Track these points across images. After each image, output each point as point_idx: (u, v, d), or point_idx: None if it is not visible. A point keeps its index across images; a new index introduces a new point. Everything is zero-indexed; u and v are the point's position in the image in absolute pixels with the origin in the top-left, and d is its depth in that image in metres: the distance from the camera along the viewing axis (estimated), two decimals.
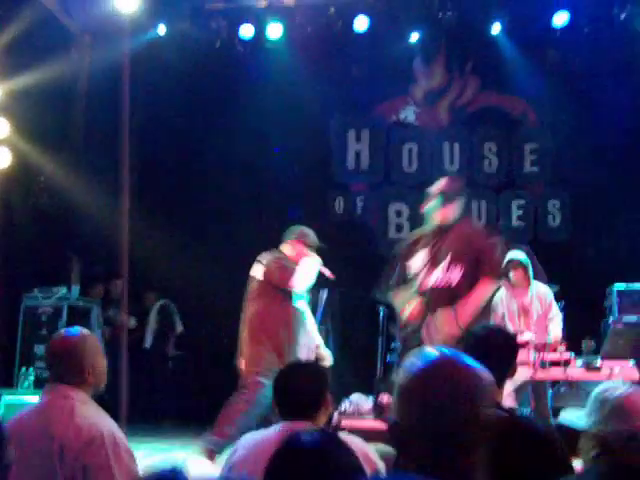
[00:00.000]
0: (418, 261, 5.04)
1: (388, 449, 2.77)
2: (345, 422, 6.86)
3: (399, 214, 9.51)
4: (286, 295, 5.94)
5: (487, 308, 5.06)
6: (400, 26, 8.84)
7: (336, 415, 7.06)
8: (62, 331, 3.09)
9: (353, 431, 6.30)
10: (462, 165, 9.52)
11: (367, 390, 7.21)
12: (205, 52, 8.92)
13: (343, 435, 2.11)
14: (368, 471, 2.22)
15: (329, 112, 9.57)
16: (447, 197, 5.06)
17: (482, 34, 8.92)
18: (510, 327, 6.55)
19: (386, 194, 9.60)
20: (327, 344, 7.33)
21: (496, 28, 8.78)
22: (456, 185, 5.21)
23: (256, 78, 9.09)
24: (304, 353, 5.92)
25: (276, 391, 2.86)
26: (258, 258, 6.05)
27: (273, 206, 9.21)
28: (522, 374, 5.95)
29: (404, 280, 5.09)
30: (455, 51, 9.55)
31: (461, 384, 1.56)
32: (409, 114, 9.71)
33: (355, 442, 2.58)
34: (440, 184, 5.18)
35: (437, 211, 5.07)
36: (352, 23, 8.67)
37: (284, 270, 5.90)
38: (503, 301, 6.68)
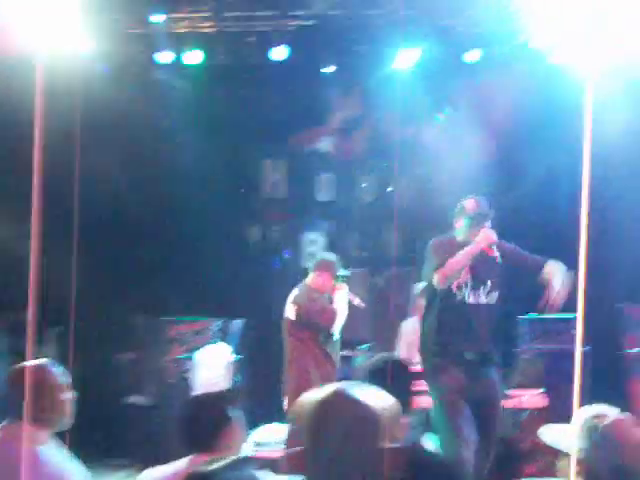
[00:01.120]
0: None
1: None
2: (260, 452, 6.80)
3: (314, 243, 9.53)
4: (315, 333, 5.98)
5: None
6: (317, 57, 8.91)
7: (250, 445, 6.98)
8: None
9: (267, 461, 6.26)
10: (378, 196, 9.62)
11: (283, 419, 7.16)
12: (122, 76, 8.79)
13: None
14: None
15: (246, 141, 9.54)
16: (475, 219, 5.06)
17: (396, 67, 9.06)
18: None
19: (301, 223, 9.61)
20: (242, 375, 7.28)
21: (405, 61, 8.87)
22: (483, 206, 5.13)
23: (173, 105, 9.01)
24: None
25: (178, 425, 2.84)
26: (289, 299, 6.23)
27: (187, 233, 9.08)
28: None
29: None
30: (371, 82, 9.69)
31: (361, 417, 1.61)
32: (325, 144, 9.78)
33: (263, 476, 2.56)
34: (468, 205, 5.14)
35: (468, 232, 5.06)
36: (270, 52, 8.68)
37: (325, 312, 6.05)
38: (413, 328, 6.77)
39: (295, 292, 6.15)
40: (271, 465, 6.14)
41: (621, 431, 2.27)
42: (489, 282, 5.00)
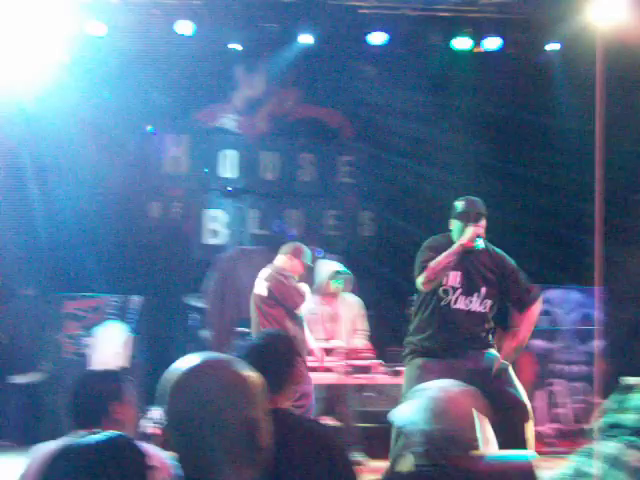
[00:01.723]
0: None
1: None
2: (155, 429, 6.79)
3: (215, 220, 9.52)
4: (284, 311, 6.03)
5: None
6: (223, 33, 8.84)
7: (146, 423, 6.97)
8: None
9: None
10: (279, 174, 9.68)
11: None
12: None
13: (142, 443, 2.10)
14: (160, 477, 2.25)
15: (148, 116, 9.42)
16: (466, 219, 4.80)
17: (301, 47, 9.08)
18: (320, 333, 6.75)
19: (203, 200, 9.57)
20: (140, 352, 7.25)
21: (310, 41, 8.92)
22: (475, 205, 4.86)
23: (78, 76, 8.80)
24: None
25: (67, 401, 2.84)
26: (260, 275, 6.16)
27: (85, 208, 8.91)
28: (329, 379, 6.15)
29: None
30: (276, 62, 9.70)
31: (228, 384, 1.59)
32: (229, 121, 9.75)
33: (151, 449, 2.59)
34: (460, 205, 4.86)
35: (461, 233, 4.80)
36: (175, 26, 8.56)
37: (296, 292, 6.05)
38: (312, 307, 6.87)
39: (267, 270, 6.14)
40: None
41: (457, 404, 2.39)
42: (483, 289, 4.78)
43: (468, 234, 4.67)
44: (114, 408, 2.80)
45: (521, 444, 4.34)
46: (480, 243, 4.69)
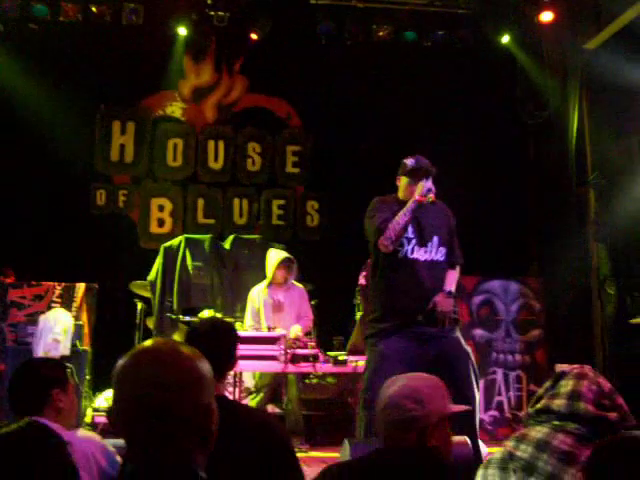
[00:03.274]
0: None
1: None
2: (100, 418, 6.77)
3: (161, 209, 9.48)
4: None
5: None
6: (170, 20, 8.79)
7: (90, 411, 6.95)
8: None
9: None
10: (226, 163, 9.68)
11: None
12: None
13: (82, 431, 2.14)
14: (100, 462, 2.29)
15: (94, 103, 9.33)
16: (414, 175, 4.78)
17: (251, 35, 9.08)
18: (264, 321, 6.80)
19: (149, 188, 9.52)
20: (82, 339, 7.20)
21: (263, 30, 8.94)
22: (423, 162, 4.84)
23: (21, 62, 8.69)
24: None
25: (7, 389, 2.85)
26: None
27: (29, 194, 8.80)
28: (273, 367, 6.20)
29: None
30: (224, 50, 9.68)
31: (180, 370, 1.61)
32: (176, 109, 9.71)
33: (91, 437, 2.63)
34: (408, 162, 4.85)
35: (409, 189, 4.78)
36: (121, 13, 8.49)
37: None
38: (260, 296, 6.91)
39: None
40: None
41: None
42: (436, 238, 4.78)
43: (420, 189, 4.67)
44: (55, 396, 2.81)
45: (473, 433, 4.40)
46: (431, 197, 4.68)
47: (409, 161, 4.83)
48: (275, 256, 7.04)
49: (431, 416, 2.40)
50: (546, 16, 8.45)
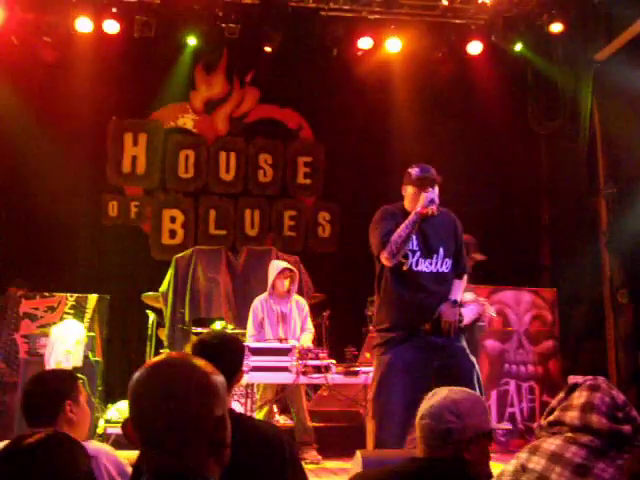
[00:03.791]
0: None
1: None
2: (112, 430, 6.78)
3: (173, 220, 9.51)
4: None
5: None
6: (181, 32, 8.83)
7: (102, 422, 6.96)
8: None
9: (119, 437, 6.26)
10: (237, 174, 9.71)
11: None
12: None
13: (94, 443, 2.14)
14: (112, 474, 2.29)
15: (106, 115, 9.38)
16: (419, 185, 4.70)
17: (262, 47, 9.11)
18: (269, 333, 6.79)
19: (161, 200, 9.56)
20: (94, 351, 7.22)
21: (274, 42, 8.97)
22: (428, 171, 4.76)
23: (35, 75, 8.76)
24: None
25: (21, 400, 2.88)
26: None
27: (43, 206, 8.84)
28: (284, 379, 6.19)
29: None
30: (236, 62, 9.72)
31: (195, 382, 1.63)
32: (187, 121, 9.75)
33: (103, 448, 2.64)
34: (413, 171, 4.76)
35: (414, 199, 4.70)
36: (133, 26, 8.53)
37: None
38: (263, 306, 6.90)
39: None
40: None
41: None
42: (442, 249, 4.70)
43: (422, 200, 4.61)
44: (67, 407, 2.81)
45: None
46: (432, 209, 4.61)
47: (414, 170, 4.75)
48: (276, 266, 7.03)
49: (468, 430, 2.43)
50: (556, 27, 8.44)
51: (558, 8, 8.41)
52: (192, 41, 8.87)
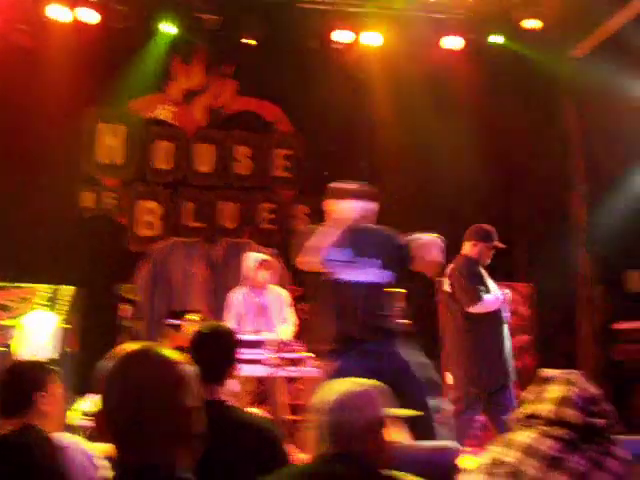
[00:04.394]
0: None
1: None
2: (86, 422, 6.74)
3: (151, 212, 9.45)
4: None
5: None
6: (159, 22, 8.77)
7: (76, 414, 6.91)
8: None
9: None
10: (216, 166, 9.67)
11: None
12: None
13: (67, 435, 2.13)
14: (85, 467, 2.29)
15: (83, 104, 9.30)
16: (340, 196, 4.82)
17: (241, 39, 9.07)
18: (247, 325, 6.77)
19: (138, 191, 9.49)
20: (69, 342, 7.17)
21: (255, 35, 8.94)
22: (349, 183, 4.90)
23: (9, 63, 8.66)
24: None
25: None
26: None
27: (17, 196, 8.76)
28: (260, 371, 6.19)
29: None
30: (215, 53, 9.67)
31: (160, 372, 1.63)
32: (165, 112, 9.69)
33: (76, 441, 2.62)
34: (335, 185, 4.89)
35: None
36: (110, 15, 8.46)
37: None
38: (241, 299, 6.88)
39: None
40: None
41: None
42: (377, 260, 4.67)
43: (347, 209, 4.67)
44: (40, 399, 2.79)
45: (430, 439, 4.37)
46: (358, 219, 4.67)
47: (334, 184, 4.84)
48: (254, 258, 7.00)
49: (364, 421, 2.41)
50: (533, 23, 8.49)
51: (535, 4, 8.47)
52: (170, 30, 8.80)
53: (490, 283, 5.96)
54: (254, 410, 7.17)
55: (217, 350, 2.93)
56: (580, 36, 8.14)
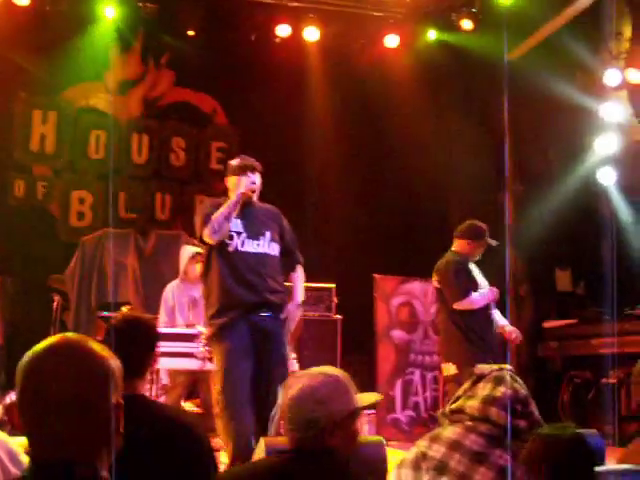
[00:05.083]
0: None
1: None
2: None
3: (82, 202, 9.28)
4: None
5: None
6: (96, 8, 8.61)
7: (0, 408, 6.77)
8: None
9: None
10: (150, 157, 9.55)
11: None
12: None
13: None
14: (4, 462, 2.26)
15: (15, 90, 9.08)
16: (239, 172, 4.93)
17: (179, 30, 8.99)
18: (180, 319, 6.74)
19: (70, 180, 9.32)
20: None
21: (194, 25, 8.86)
22: (247, 159, 5.06)
23: None
24: None
25: None
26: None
27: None
28: (191, 365, 6.16)
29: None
30: (152, 43, 9.54)
31: (87, 367, 1.58)
32: (100, 101, 9.52)
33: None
34: (233, 161, 5.06)
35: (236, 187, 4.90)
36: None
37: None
38: (174, 293, 6.84)
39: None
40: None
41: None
42: (268, 233, 4.89)
43: (244, 183, 4.82)
44: None
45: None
46: (254, 188, 4.89)
47: (233, 161, 5.01)
48: (187, 251, 6.97)
49: (333, 415, 2.35)
50: (468, 24, 8.63)
51: (470, 6, 8.61)
52: (108, 15, 8.63)
53: (480, 279, 6.14)
54: (185, 404, 7.15)
55: (136, 342, 2.84)
56: (517, 39, 8.28)
